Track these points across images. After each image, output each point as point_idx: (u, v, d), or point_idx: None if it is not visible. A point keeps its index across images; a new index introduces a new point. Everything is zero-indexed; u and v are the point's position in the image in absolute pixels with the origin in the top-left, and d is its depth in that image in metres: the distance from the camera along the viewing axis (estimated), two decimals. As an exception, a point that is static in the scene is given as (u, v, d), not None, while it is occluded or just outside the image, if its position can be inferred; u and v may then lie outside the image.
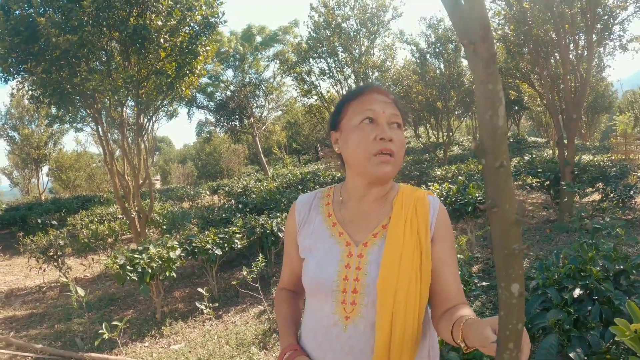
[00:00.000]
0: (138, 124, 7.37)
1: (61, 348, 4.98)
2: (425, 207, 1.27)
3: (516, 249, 0.65)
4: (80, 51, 6.16)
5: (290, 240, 1.42)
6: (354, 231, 1.29)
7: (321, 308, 1.26)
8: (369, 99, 1.26)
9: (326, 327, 1.24)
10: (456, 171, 11.66)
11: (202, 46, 7.14)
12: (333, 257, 1.26)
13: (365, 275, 1.21)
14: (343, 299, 1.22)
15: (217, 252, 5.85)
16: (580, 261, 2.91)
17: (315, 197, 1.42)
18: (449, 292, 1.22)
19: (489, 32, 0.59)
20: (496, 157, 0.62)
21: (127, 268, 4.97)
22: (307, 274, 1.30)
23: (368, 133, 1.22)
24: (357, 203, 1.32)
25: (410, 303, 1.17)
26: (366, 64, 12.16)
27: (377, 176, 1.22)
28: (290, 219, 1.42)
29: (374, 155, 1.20)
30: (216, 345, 4.55)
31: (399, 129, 1.25)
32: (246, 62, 23.61)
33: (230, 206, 9.06)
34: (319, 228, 1.33)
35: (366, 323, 1.20)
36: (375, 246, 1.24)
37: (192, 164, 39.41)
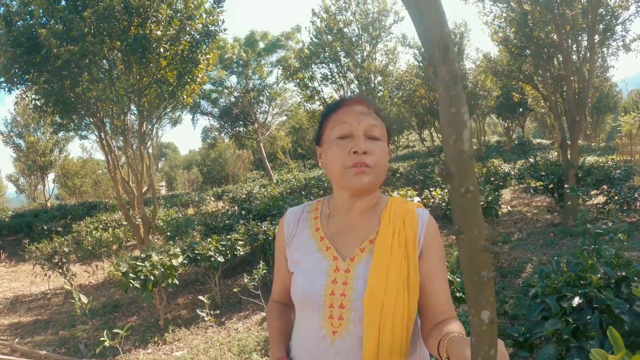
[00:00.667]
0: (141, 131, 7.41)
1: (65, 354, 5.01)
2: (413, 220, 1.26)
3: (485, 275, 0.63)
4: (82, 61, 6.21)
5: (280, 253, 1.41)
6: (341, 245, 1.29)
7: (309, 322, 1.26)
8: (345, 112, 1.26)
9: (314, 341, 1.24)
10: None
11: (202, 54, 7.18)
12: (320, 271, 1.26)
13: (352, 290, 1.21)
14: (330, 314, 1.22)
15: (219, 259, 5.87)
16: (580, 268, 2.87)
17: (304, 211, 1.42)
18: (439, 305, 1.22)
19: (449, 52, 0.56)
20: (462, 182, 0.60)
21: (130, 275, 4.99)
22: (295, 289, 1.29)
23: (343, 147, 1.22)
24: (344, 216, 1.32)
25: (398, 318, 1.17)
26: (368, 69, 12.15)
27: (355, 188, 1.22)
28: (280, 232, 1.41)
29: (349, 168, 1.20)
30: (218, 352, 4.56)
31: (377, 140, 1.24)
32: (249, 68, 23.68)
33: (234, 212, 9.07)
34: (306, 242, 1.33)
35: (353, 338, 1.19)
36: (363, 261, 1.24)
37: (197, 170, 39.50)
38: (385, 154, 1.25)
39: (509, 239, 7.51)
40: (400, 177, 15.78)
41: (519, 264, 6.23)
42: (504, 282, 5.55)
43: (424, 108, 17.27)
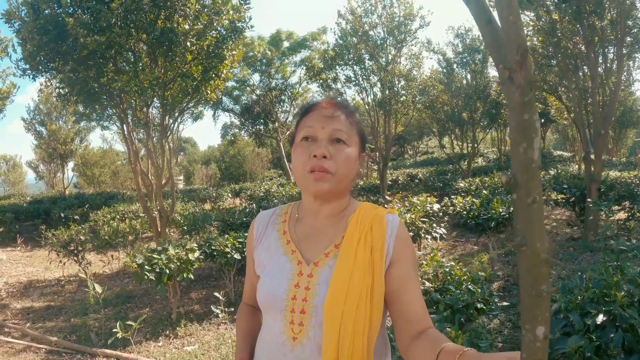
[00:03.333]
0: (163, 124, 7.44)
1: (76, 342, 5.05)
2: (382, 225, 1.23)
3: (544, 290, 0.60)
4: (108, 52, 6.25)
5: (249, 256, 1.40)
6: (306, 249, 1.27)
7: (272, 327, 1.23)
8: (312, 116, 1.25)
9: (276, 345, 1.21)
10: (480, 184, 11.51)
11: (228, 50, 7.18)
12: (284, 275, 1.23)
13: (314, 296, 1.18)
14: (291, 319, 1.19)
15: (235, 256, 5.86)
16: (605, 285, 2.81)
17: (274, 214, 1.40)
18: (413, 313, 1.17)
19: (527, 57, 0.54)
20: (529, 192, 0.58)
21: (146, 267, 5.01)
22: (260, 291, 1.27)
23: (305, 150, 1.21)
24: (311, 220, 1.30)
25: (359, 326, 1.13)
26: (393, 73, 12.08)
27: (314, 193, 1.21)
28: (250, 234, 1.40)
29: (309, 173, 1.19)
30: (229, 350, 4.55)
31: (343, 144, 1.21)
32: (273, 66, 23.75)
33: (252, 210, 9.10)
34: (273, 245, 1.31)
35: (313, 345, 1.17)
36: (326, 266, 1.21)
37: (215, 166, 39.71)
38: (351, 159, 1.22)
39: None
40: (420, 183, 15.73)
41: None
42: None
43: (445, 114, 17.12)
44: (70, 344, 4.93)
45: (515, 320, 4.77)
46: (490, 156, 31.57)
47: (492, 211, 6.50)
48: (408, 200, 8.09)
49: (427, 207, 7.36)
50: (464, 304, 3.16)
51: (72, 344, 4.94)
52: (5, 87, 12.60)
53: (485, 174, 16.23)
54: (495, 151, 33.27)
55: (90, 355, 4.65)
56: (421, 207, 7.35)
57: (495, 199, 6.89)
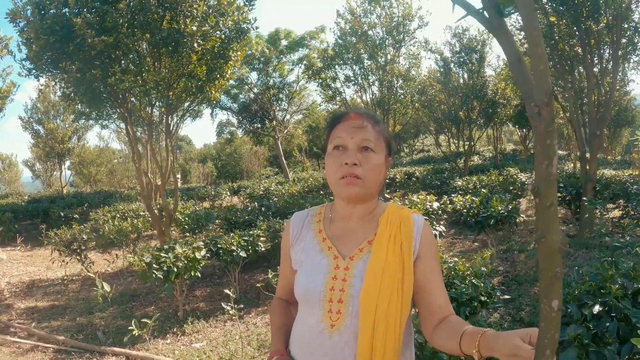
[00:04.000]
0: (167, 125, 7.53)
1: (83, 341, 5.09)
2: (409, 225, 1.37)
3: (558, 271, 0.77)
4: (115, 52, 6.32)
5: (285, 254, 1.53)
6: (341, 246, 1.40)
7: (309, 316, 1.36)
8: (341, 127, 1.38)
9: (313, 334, 1.34)
10: (477, 182, 11.63)
11: (233, 51, 7.29)
12: (321, 269, 1.37)
13: (350, 287, 1.31)
14: (329, 308, 1.32)
15: (241, 254, 5.96)
16: (600, 279, 2.97)
17: (308, 215, 1.54)
18: (437, 304, 1.32)
19: (552, 98, 0.71)
20: (548, 198, 0.75)
21: (153, 266, 5.10)
22: (298, 285, 1.41)
23: (336, 159, 1.34)
24: (344, 221, 1.44)
25: (391, 315, 1.26)
26: (391, 72, 12.19)
27: (345, 197, 1.35)
28: (285, 235, 1.54)
29: (340, 179, 1.32)
30: (238, 346, 4.65)
31: (370, 152, 1.34)
32: (271, 65, 23.81)
33: (254, 209, 9.19)
34: (310, 243, 1.45)
35: (350, 332, 1.29)
36: (361, 260, 1.34)
37: (212, 164, 39.70)
38: (378, 166, 1.36)
39: (525, 248, 7.57)
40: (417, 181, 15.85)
41: (535, 273, 6.27)
42: (520, 290, 5.61)
43: (442, 113, 17.23)
44: (78, 342, 4.97)
45: (514, 314, 4.90)
46: (486, 154, 31.73)
47: (491, 209, 6.64)
48: (408, 198, 8.22)
49: (427, 205, 7.49)
50: (468, 297, 3.29)
51: (80, 342, 4.98)
52: (6, 86, 12.59)
53: (482, 172, 16.33)
54: (491, 149, 33.47)
55: (99, 354, 4.69)
56: (421, 205, 7.48)
57: (494, 198, 7.02)
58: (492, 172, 13.48)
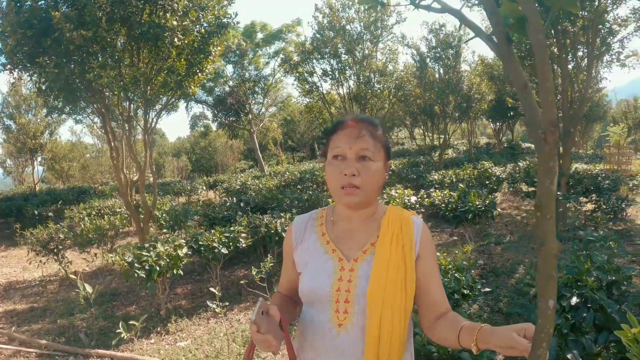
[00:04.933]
0: (145, 120, 7.42)
1: (65, 344, 4.98)
2: (409, 226, 1.45)
3: (553, 275, 0.88)
4: (93, 47, 6.20)
5: (288, 256, 1.60)
6: (345, 248, 1.47)
7: (317, 316, 1.44)
8: (339, 136, 1.43)
9: (321, 333, 1.41)
10: (453, 176, 11.80)
11: (214, 46, 7.23)
12: (327, 271, 1.43)
13: (356, 287, 1.39)
14: (337, 308, 1.40)
15: (222, 250, 5.96)
16: (576, 272, 3.13)
17: (310, 218, 1.60)
18: (435, 300, 1.42)
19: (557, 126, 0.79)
20: (548, 211, 0.85)
21: (135, 265, 5.05)
22: (304, 286, 1.46)
23: (336, 169, 1.40)
24: (346, 223, 1.51)
25: (396, 312, 1.35)
26: (369, 67, 12.24)
27: (346, 205, 1.43)
28: (288, 238, 1.60)
29: (340, 189, 1.39)
30: (223, 344, 4.66)
31: (368, 160, 1.40)
32: (246, 58, 23.64)
33: (232, 204, 9.16)
34: (313, 245, 1.51)
35: (356, 329, 1.37)
36: (365, 262, 1.42)
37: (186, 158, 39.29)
38: (377, 173, 1.42)
39: (501, 240, 7.74)
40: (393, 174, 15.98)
41: (512, 265, 6.45)
42: (497, 282, 5.75)
43: (418, 107, 17.38)
44: (62, 346, 4.88)
45: (492, 305, 5.03)
46: (460, 148, 32.11)
47: (469, 204, 6.77)
48: (386, 192, 8.31)
49: (405, 200, 7.60)
50: (451, 291, 3.39)
51: (63, 346, 4.88)
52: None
53: (457, 165, 16.56)
54: (465, 143, 33.91)
55: (84, 357, 4.61)
56: (399, 199, 7.58)
57: (472, 192, 7.17)
58: (467, 166, 13.68)
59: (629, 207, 8.19)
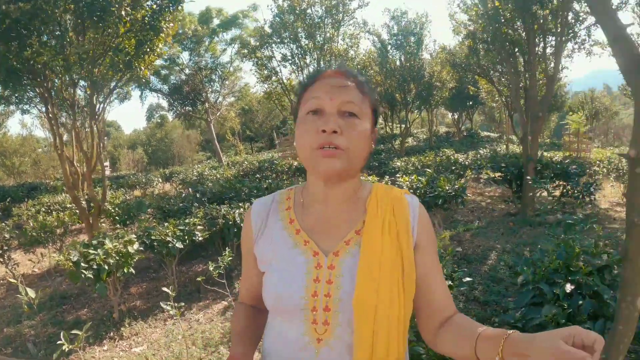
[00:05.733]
0: (92, 105, 6.81)
1: (12, 355, 4.53)
2: (404, 208, 1.12)
3: None
4: (32, 22, 5.58)
5: (247, 252, 1.22)
6: (321, 239, 1.11)
7: (287, 329, 1.09)
8: (317, 86, 1.08)
9: (294, 350, 1.07)
10: (416, 162, 11.76)
11: (165, 22, 6.65)
12: (298, 269, 1.08)
13: (338, 289, 1.04)
14: (314, 319, 1.05)
15: (177, 245, 5.53)
16: (566, 257, 3.02)
17: (273, 201, 1.23)
18: (438, 301, 1.11)
19: None
20: None
21: (82, 265, 4.56)
22: (269, 290, 1.10)
23: (312, 125, 1.04)
24: (322, 206, 1.14)
25: (394, 320, 1.03)
26: (330, 52, 11.96)
27: (323, 173, 1.04)
28: (246, 227, 1.22)
29: (316, 150, 1.02)
30: (182, 347, 4.29)
31: (355, 117, 1.05)
32: (202, 45, 23.02)
33: (188, 195, 8.72)
34: (279, 237, 1.14)
35: (342, 345, 1.04)
36: (349, 255, 1.07)
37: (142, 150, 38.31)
38: (364, 134, 1.07)
39: (472, 226, 7.64)
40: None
41: (483, 251, 6.36)
42: (470, 269, 5.59)
43: (379, 95, 17.31)
44: (7, 358, 4.44)
45: (467, 293, 4.83)
46: (420, 136, 32.51)
47: (438, 189, 6.64)
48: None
49: (371, 185, 7.39)
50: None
51: (10, 358, 4.44)
52: None
53: (418, 153, 16.68)
54: (424, 131, 34.33)
55: None
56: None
57: (442, 177, 7.04)
58: (429, 153, 13.78)
59: (597, 192, 8.25)
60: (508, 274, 5.22)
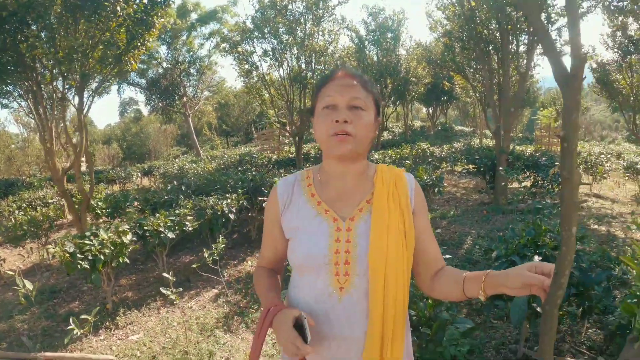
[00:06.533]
0: (80, 99, 6.87)
1: (8, 350, 4.54)
2: (403, 182, 1.41)
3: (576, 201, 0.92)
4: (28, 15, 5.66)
5: (272, 222, 1.49)
6: (339, 208, 1.38)
7: (315, 282, 1.35)
8: (331, 86, 1.36)
9: (321, 300, 1.33)
10: (394, 155, 12.06)
11: (157, 17, 6.80)
12: (322, 233, 1.35)
13: (355, 247, 1.32)
14: (336, 271, 1.31)
15: (169, 235, 5.70)
16: (534, 234, 3.30)
17: (296, 180, 1.49)
18: (433, 254, 1.42)
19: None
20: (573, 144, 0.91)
21: (77, 256, 4.68)
22: (298, 251, 1.37)
23: (327, 117, 1.32)
24: (337, 182, 1.42)
25: (400, 271, 1.30)
26: (311, 48, 12.13)
27: (338, 155, 1.33)
28: (272, 202, 1.49)
29: (332, 136, 1.31)
30: (178, 332, 4.46)
31: (361, 110, 1.33)
32: (180, 39, 22.89)
33: (173, 187, 8.84)
34: (304, 208, 1.41)
35: (359, 292, 1.31)
36: (362, 220, 1.35)
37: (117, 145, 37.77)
38: (369, 124, 1.34)
39: (446, 215, 7.98)
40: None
41: (459, 237, 6.70)
42: (448, 252, 5.87)
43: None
44: (5, 352, 4.42)
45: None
46: (395, 130, 32.89)
47: (417, 178, 6.95)
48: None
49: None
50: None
51: (7, 352, 4.43)
52: None
53: (395, 146, 16.98)
54: (400, 125, 34.73)
55: None
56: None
57: (420, 168, 7.37)
58: (405, 147, 14.09)
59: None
60: (483, 257, 5.56)
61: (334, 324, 1.32)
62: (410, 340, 1.47)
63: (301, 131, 13.83)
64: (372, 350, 1.29)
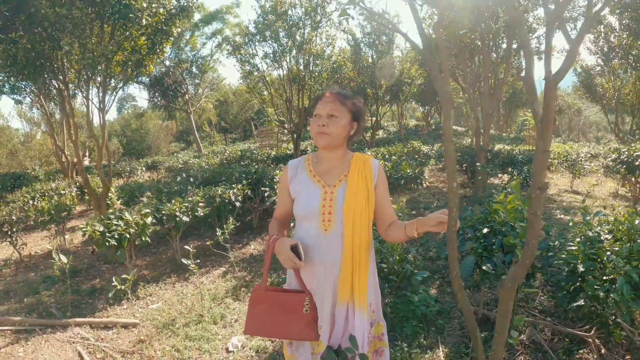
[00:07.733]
0: (103, 99, 7.61)
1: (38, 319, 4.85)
2: (370, 165, 2.12)
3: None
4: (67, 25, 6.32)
5: (284, 188, 2.23)
6: (326, 179, 2.12)
7: (310, 227, 2.08)
8: (320, 102, 2.10)
9: (313, 237, 2.06)
10: (386, 152, 12.71)
11: (175, 27, 7.76)
12: (315, 195, 2.08)
13: (336, 204, 2.05)
14: (323, 219, 2.04)
15: (184, 218, 6.39)
16: (487, 213, 3.95)
17: (300, 161, 2.24)
18: (388, 214, 2.14)
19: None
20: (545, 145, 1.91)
21: (107, 234, 5.32)
22: (300, 206, 2.11)
23: (315, 122, 2.08)
24: (326, 162, 2.15)
25: (364, 221, 2.03)
26: (309, 51, 12.75)
27: (320, 145, 2.08)
28: (284, 175, 2.23)
29: (317, 134, 2.06)
30: (194, 301, 5.08)
31: (335, 117, 2.04)
32: (183, 38, 23.49)
33: (183, 179, 9.50)
34: (305, 179, 2.15)
35: (337, 233, 2.03)
36: (340, 187, 2.07)
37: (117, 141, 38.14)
38: (341, 126, 2.06)
39: (430, 206, 8.74)
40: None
41: None
42: (426, 237, 6.66)
43: (352, 90, 18.19)
44: (38, 320, 4.76)
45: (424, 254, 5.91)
46: (390, 129, 33.47)
47: (401, 172, 7.76)
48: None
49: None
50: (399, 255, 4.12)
51: (40, 319, 4.77)
52: None
53: (388, 144, 17.54)
54: (395, 124, 35.33)
55: (62, 327, 4.59)
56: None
57: (404, 162, 8.18)
58: (398, 145, 14.72)
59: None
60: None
61: (321, 253, 2.03)
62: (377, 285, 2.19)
63: (299, 129, 14.44)
64: (345, 272, 2.01)
